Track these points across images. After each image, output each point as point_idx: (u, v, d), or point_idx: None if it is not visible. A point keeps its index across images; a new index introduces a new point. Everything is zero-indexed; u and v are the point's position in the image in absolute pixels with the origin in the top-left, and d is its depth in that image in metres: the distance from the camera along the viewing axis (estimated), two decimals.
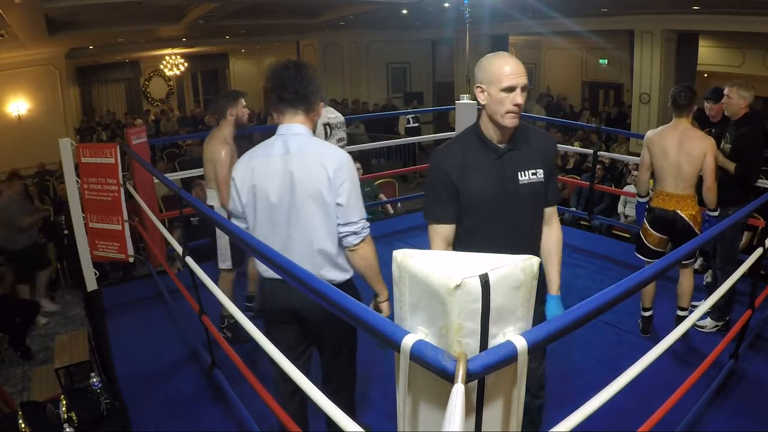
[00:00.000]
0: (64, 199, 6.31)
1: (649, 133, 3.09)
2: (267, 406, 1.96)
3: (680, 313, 3.10)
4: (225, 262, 3.15)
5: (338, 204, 1.79)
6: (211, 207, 3.18)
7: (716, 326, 3.20)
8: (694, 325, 3.28)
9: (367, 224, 1.85)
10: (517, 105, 1.62)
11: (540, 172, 1.75)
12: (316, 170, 1.77)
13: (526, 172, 1.74)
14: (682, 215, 2.94)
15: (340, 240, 1.84)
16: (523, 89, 1.64)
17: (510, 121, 1.65)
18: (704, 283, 3.85)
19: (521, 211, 1.75)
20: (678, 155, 2.91)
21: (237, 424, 2.48)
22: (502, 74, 1.62)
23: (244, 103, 3.16)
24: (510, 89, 1.62)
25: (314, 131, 1.93)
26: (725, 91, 3.25)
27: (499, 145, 1.73)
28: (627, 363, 1.54)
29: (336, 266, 1.88)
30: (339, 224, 1.81)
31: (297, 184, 1.78)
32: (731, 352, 2.71)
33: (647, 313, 3.18)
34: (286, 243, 1.83)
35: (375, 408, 2.56)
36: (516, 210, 1.74)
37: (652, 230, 3.09)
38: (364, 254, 1.85)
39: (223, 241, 3.12)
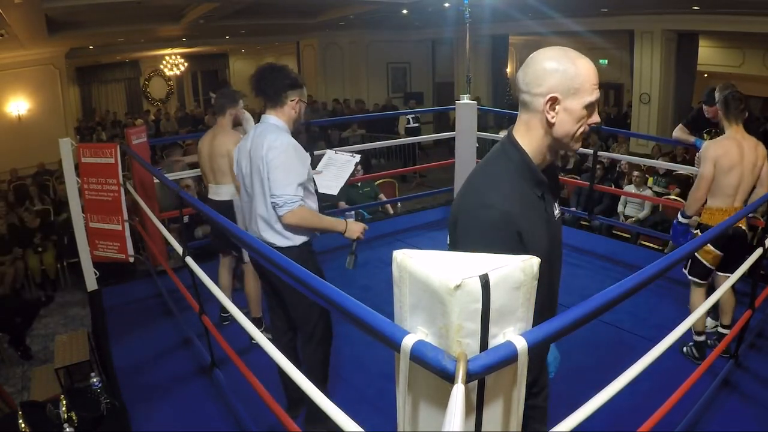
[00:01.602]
0: (64, 199, 6.31)
1: (713, 147, 2.82)
2: (267, 406, 1.96)
3: (722, 330, 2.95)
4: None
5: (268, 178, 2.16)
6: (224, 201, 3.19)
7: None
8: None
9: (293, 199, 2.14)
10: (591, 125, 1.24)
11: (557, 206, 1.39)
12: (259, 151, 2.18)
13: (556, 206, 1.37)
14: (744, 229, 2.78)
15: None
16: None
17: (578, 147, 1.27)
18: None
19: (560, 256, 1.39)
20: (743, 167, 2.76)
21: (237, 424, 2.48)
22: (591, 83, 1.20)
23: (242, 105, 3.33)
24: (594, 105, 1.22)
25: (292, 123, 2.29)
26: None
27: (542, 177, 1.29)
28: (627, 363, 1.54)
29: (274, 231, 2.24)
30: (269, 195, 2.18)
31: (251, 161, 2.23)
32: (731, 353, 2.72)
33: (701, 338, 2.92)
34: (251, 208, 2.29)
35: (374, 407, 2.56)
36: (559, 256, 1.38)
37: (713, 249, 2.83)
38: (290, 222, 2.17)
39: None
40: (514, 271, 0.88)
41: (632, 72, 10.65)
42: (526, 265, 0.89)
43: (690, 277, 2.97)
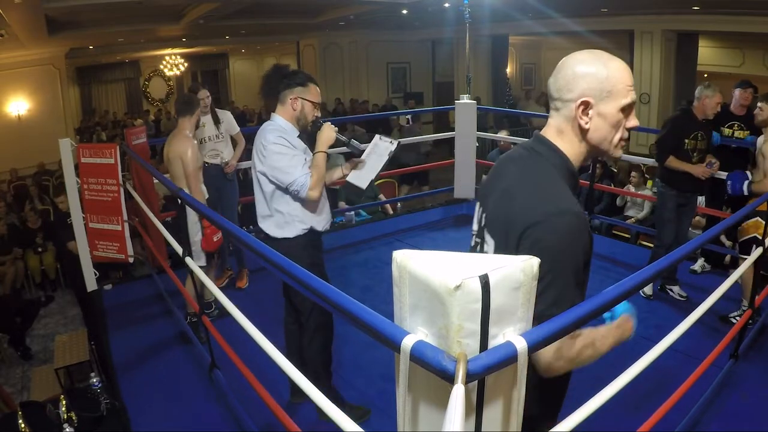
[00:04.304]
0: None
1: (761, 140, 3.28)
2: (267, 406, 1.96)
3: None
4: (199, 259, 3.22)
5: (265, 174, 2.27)
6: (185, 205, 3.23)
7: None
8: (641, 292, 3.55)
9: (304, 178, 2.25)
10: (630, 129, 1.20)
11: None
12: (255, 148, 2.31)
13: None
14: None
15: (270, 202, 2.33)
16: None
17: (620, 154, 1.22)
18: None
19: None
20: None
21: (237, 424, 2.48)
22: (625, 84, 1.16)
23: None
24: (630, 107, 1.17)
25: (296, 121, 2.34)
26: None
27: (578, 184, 1.27)
28: (627, 363, 1.54)
29: (270, 223, 2.37)
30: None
31: (253, 158, 2.34)
32: (731, 352, 2.72)
33: None
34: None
35: (374, 408, 2.56)
36: None
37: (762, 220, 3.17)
38: (315, 196, 2.29)
39: (195, 238, 3.19)
40: (514, 271, 0.88)
41: (632, 72, 10.65)
42: (526, 265, 0.89)
43: (743, 256, 3.21)
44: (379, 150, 2.44)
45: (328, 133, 2.35)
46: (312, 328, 2.43)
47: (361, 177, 2.45)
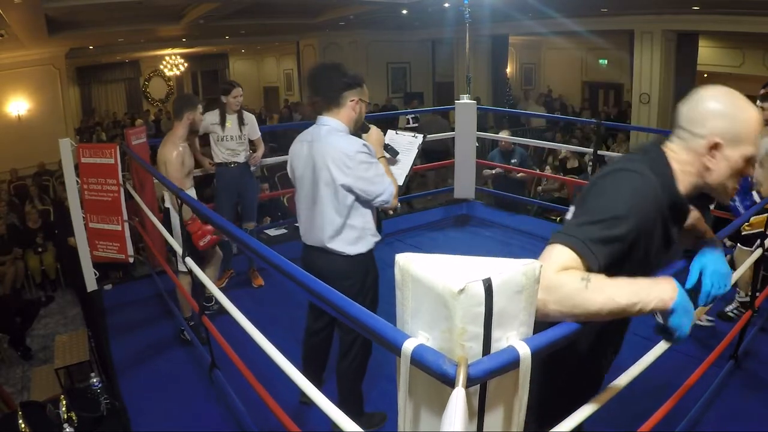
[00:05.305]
0: (63, 199, 6.30)
1: None
2: (267, 406, 1.96)
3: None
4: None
5: (352, 185, 2.08)
6: (167, 209, 3.20)
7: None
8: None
9: (391, 187, 2.14)
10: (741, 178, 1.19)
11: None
12: (326, 159, 2.09)
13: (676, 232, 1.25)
14: None
15: (346, 217, 2.16)
16: None
17: (728, 201, 1.24)
18: None
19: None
20: None
21: (237, 424, 2.48)
22: (754, 134, 1.14)
23: (201, 111, 3.39)
24: (752, 160, 1.15)
25: (353, 124, 2.19)
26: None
27: (680, 201, 1.20)
28: (627, 363, 1.54)
29: (342, 239, 2.19)
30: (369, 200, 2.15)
31: (315, 168, 2.14)
32: (731, 353, 2.72)
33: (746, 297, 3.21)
34: (310, 215, 2.22)
35: (375, 409, 2.56)
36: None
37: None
38: (395, 204, 2.21)
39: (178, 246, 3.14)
40: (516, 275, 0.88)
41: (632, 72, 10.65)
42: (528, 269, 0.89)
43: (744, 248, 3.22)
44: (401, 145, 2.38)
45: (377, 136, 2.25)
46: (354, 352, 2.32)
47: (396, 175, 2.37)
